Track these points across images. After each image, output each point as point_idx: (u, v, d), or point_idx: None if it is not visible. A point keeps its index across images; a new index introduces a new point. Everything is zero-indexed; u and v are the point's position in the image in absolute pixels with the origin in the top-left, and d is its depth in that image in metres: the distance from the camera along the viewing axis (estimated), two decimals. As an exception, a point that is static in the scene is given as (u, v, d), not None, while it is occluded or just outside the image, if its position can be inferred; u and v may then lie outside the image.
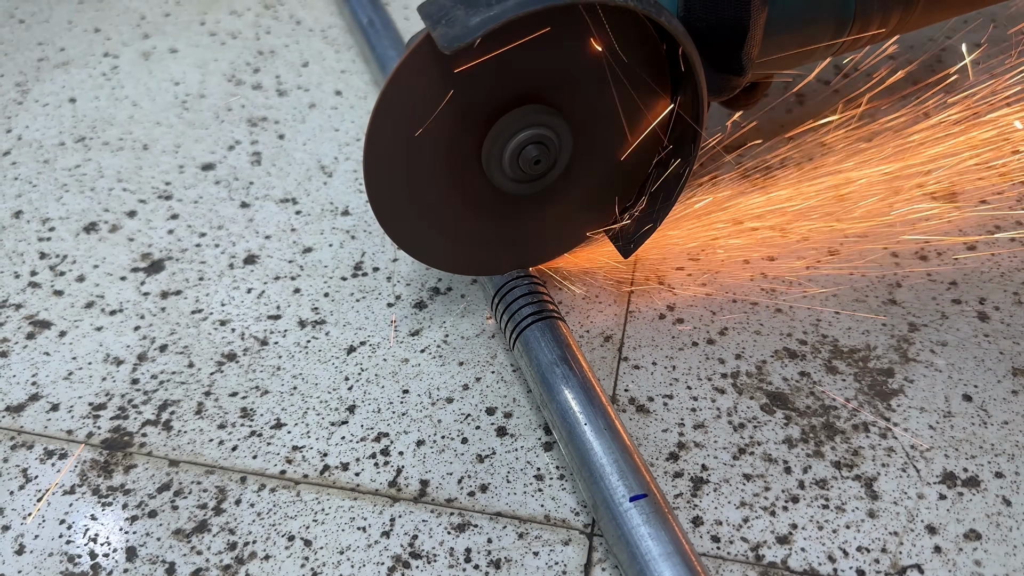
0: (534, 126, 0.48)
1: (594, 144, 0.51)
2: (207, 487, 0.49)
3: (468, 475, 0.49)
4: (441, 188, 0.50)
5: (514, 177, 0.50)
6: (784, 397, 0.52)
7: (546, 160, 0.49)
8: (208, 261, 0.62)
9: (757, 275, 0.59)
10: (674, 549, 0.40)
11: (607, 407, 0.47)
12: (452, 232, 0.52)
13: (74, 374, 0.55)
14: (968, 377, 0.53)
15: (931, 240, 0.60)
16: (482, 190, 0.51)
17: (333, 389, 0.54)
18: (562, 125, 0.49)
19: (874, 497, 0.47)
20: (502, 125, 0.47)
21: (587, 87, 0.48)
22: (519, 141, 0.48)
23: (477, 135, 0.48)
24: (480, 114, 0.47)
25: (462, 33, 0.41)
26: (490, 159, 0.49)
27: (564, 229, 0.56)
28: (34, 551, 0.46)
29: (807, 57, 0.59)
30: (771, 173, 0.65)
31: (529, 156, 0.48)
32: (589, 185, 0.54)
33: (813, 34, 0.57)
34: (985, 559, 0.45)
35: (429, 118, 0.46)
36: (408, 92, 0.45)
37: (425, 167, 0.49)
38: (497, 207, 0.52)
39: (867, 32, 0.59)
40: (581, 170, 0.52)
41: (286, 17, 0.87)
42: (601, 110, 0.50)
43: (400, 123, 0.46)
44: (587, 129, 0.50)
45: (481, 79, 0.46)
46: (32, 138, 0.73)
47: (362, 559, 0.45)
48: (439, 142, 0.48)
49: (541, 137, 0.48)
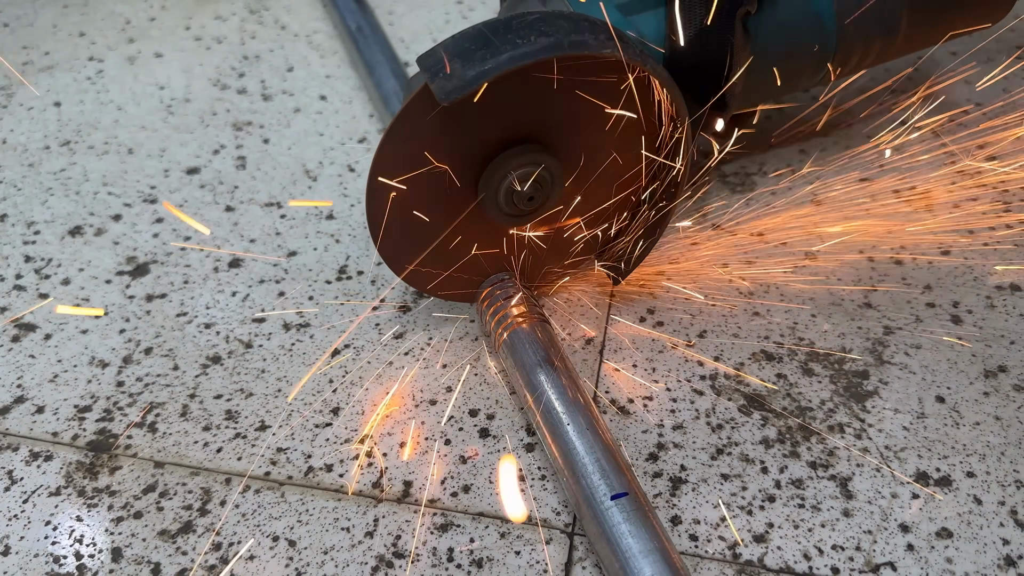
0: (527, 165, 0.50)
1: (586, 180, 0.53)
2: (192, 488, 0.49)
3: (451, 476, 0.50)
4: (440, 223, 0.52)
5: (509, 212, 0.52)
6: (761, 399, 0.53)
7: (539, 197, 0.51)
8: (193, 264, 0.62)
9: (736, 279, 0.60)
10: (654, 546, 0.41)
11: (590, 407, 0.48)
12: (451, 264, 0.54)
13: (59, 376, 0.55)
14: (941, 379, 0.54)
15: (906, 245, 0.61)
16: (479, 223, 0.53)
17: (317, 392, 0.54)
18: (555, 163, 0.51)
19: (849, 496, 0.48)
20: (496, 165, 0.50)
21: (579, 127, 0.51)
22: (514, 179, 0.50)
23: (473, 176, 0.51)
24: (477, 155, 0.50)
25: (458, 86, 0.43)
26: (486, 196, 0.51)
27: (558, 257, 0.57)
28: (19, 552, 0.47)
29: (790, 89, 0.61)
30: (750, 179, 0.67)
31: (524, 194, 0.50)
32: (581, 216, 0.55)
33: (796, 68, 0.58)
34: (956, 556, 0.46)
35: (427, 161, 0.48)
36: (407, 137, 0.47)
37: (424, 205, 0.51)
38: (493, 239, 0.54)
39: (848, 64, 0.60)
40: (572, 202, 0.54)
41: (271, 22, 0.87)
42: (592, 148, 0.52)
43: (399, 165, 0.48)
44: (578, 166, 0.52)
45: (477, 124, 0.48)
46: (17, 142, 0.73)
47: (346, 559, 0.46)
48: (438, 182, 0.50)
49: (535, 175, 0.50)
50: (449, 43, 0.45)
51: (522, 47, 0.44)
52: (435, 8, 0.89)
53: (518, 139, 0.50)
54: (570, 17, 0.47)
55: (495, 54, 0.44)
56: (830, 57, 0.58)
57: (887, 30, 0.59)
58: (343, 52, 0.83)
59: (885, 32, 0.59)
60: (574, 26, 0.45)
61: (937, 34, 0.63)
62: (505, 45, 0.44)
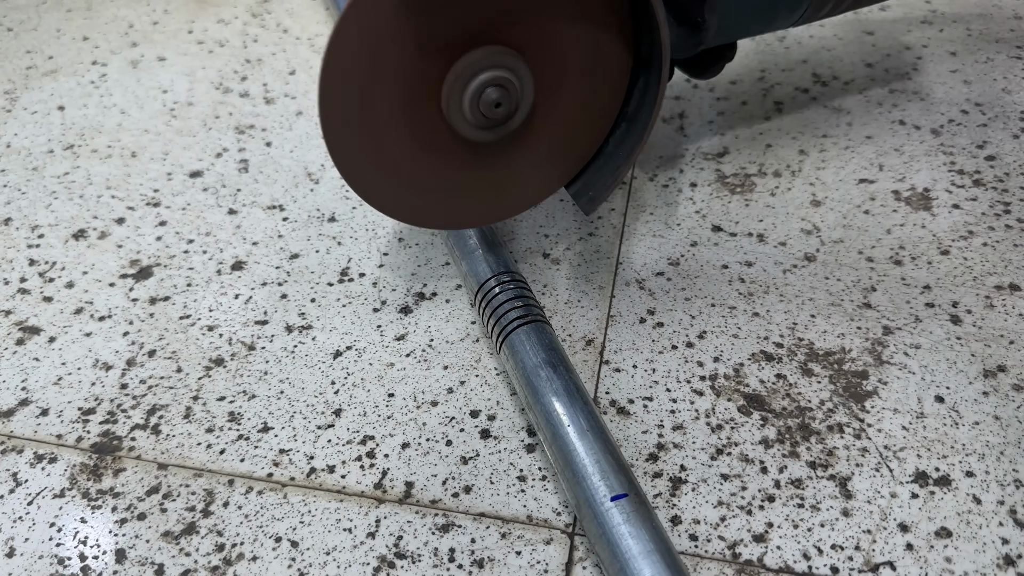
0: (495, 68, 0.47)
1: (557, 92, 0.51)
2: (195, 490, 0.50)
3: (452, 477, 0.50)
4: (402, 135, 0.49)
5: (475, 122, 0.49)
6: (761, 399, 0.53)
7: (507, 104, 0.48)
8: (196, 267, 0.63)
9: (735, 280, 0.60)
10: (654, 547, 0.41)
11: (591, 409, 0.48)
12: (414, 182, 0.51)
13: (63, 379, 0.56)
14: (940, 379, 0.54)
15: (905, 245, 0.62)
16: (443, 137, 0.50)
17: (319, 393, 0.54)
18: (523, 68, 0.48)
19: (848, 496, 0.48)
20: (462, 66, 0.47)
21: (550, 31, 0.48)
22: (479, 83, 0.47)
23: (437, 75, 0.47)
24: (441, 52, 0.46)
25: None
26: (450, 102, 0.48)
27: (528, 181, 0.55)
28: (24, 553, 0.47)
29: (769, 21, 0.59)
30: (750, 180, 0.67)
31: (490, 99, 0.47)
32: (551, 135, 0.53)
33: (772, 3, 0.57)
34: (955, 556, 0.46)
35: (387, 56, 0.45)
36: (364, 27, 0.44)
37: (385, 112, 0.47)
38: (459, 155, 0.51)
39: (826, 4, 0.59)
40: (543, 119, 0.51)
41: (273, 26, 0.88)
42: (564, 57, 0.49)
43: (356, 62, 0.45)
44: (549, 75, 0.50)
45: (440, 18, 0.45)
46: (21, 146, 0.74)
47: (348, 560, 0.46)
48: (399, 84, 0.47)
49: (502, 79, 0.47)
50: None
51: None
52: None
53: (485, 38, 0.47)
54: None
55: None
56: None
57: None
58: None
59: None
60: None
61: None
62: None
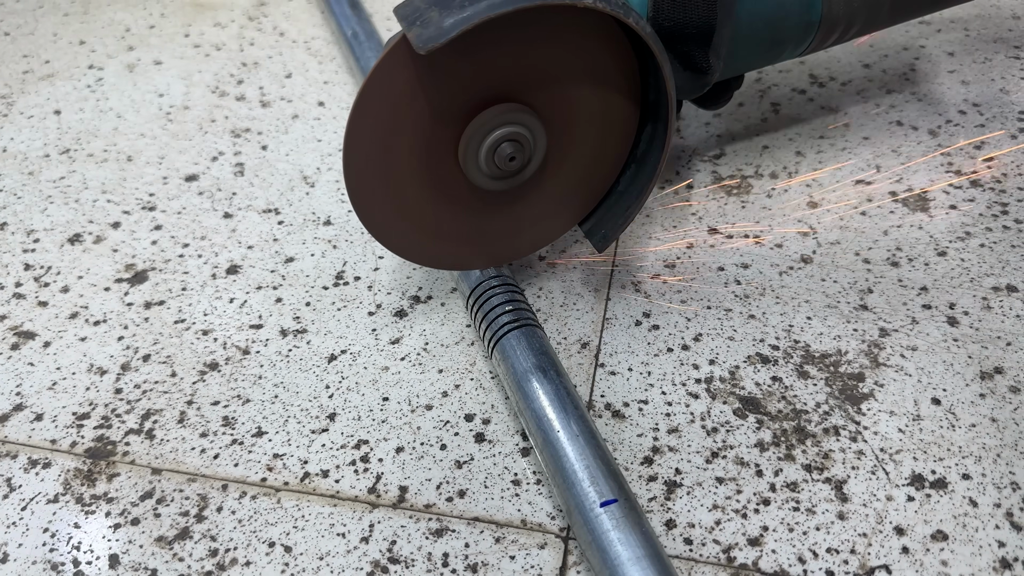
0: (509, 124, 0.49)
1: (568, 142, 0.52)
2: (189, 495, 0.50)
3: (446, 481, 0.50)
4: (420, 185, 0.51)
5: (490, 174, 0.51)
6: (756, 402, 0.53)
7: (520, 157, 0.50)
8: (191, 271, 0.62)
9: (731, 282, 0.60)
10: (643, 553, 0.41)
11: (581, 413, 0.48)
12: (431, 228, 0.53)
13: (58, 384, 0.56)
14: (937, 381, 0.54)
15: (902, 246, 0.61)
16: (459, 187, 0.52)
17: (314, 397, 0.54)
18: (536, 123, 0.50)
19: (844, 499, 0.48)
20: (478, 123, 0.49)
21: (560, 86, 0.50)
22: (494, 139, 0.49)
23: (454, 133, 0.49)
24: (457, 112, 0.48)
25: (436, 34, 0.42)
26: (467, 157, 0.50)
27: (540, 224, 0.57)
28: (18, 559, 0.47)
29: (775, 56, 0.60)
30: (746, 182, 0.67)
31: (504, 153, 0.49)
32: (563, 182, 0.55)
33: (780, 34, 0.58)
34: (952, 559, 0.46)
35: (406, 117, 0.47)
36: (385, 91, 0.46)
37: (404, 165, 0.50)
38: (474, 203, 0.53)
39: (833, 33, 0.60)
40: (555, 167, 0.54)
41: (270, 29, 0.88)
42: (574, 111, 0.51)
43: (378, 122, 0.47)
44: (560, 128, 0.51)
45: (457, 78, 0.47)
46: (17, 150, 0.74)
47: (341, 565, 0.46)
48: (417, 140, 0.49)
49: (515, 135, 0.49)
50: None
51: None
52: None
53: (498, 97, 0.49)
54: None
55: (473, 2, 0.43)
56: (815, 26, 0.58)
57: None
58: (341, 58, 0.83)
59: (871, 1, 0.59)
60: None
61: (924, 5, 0.63)
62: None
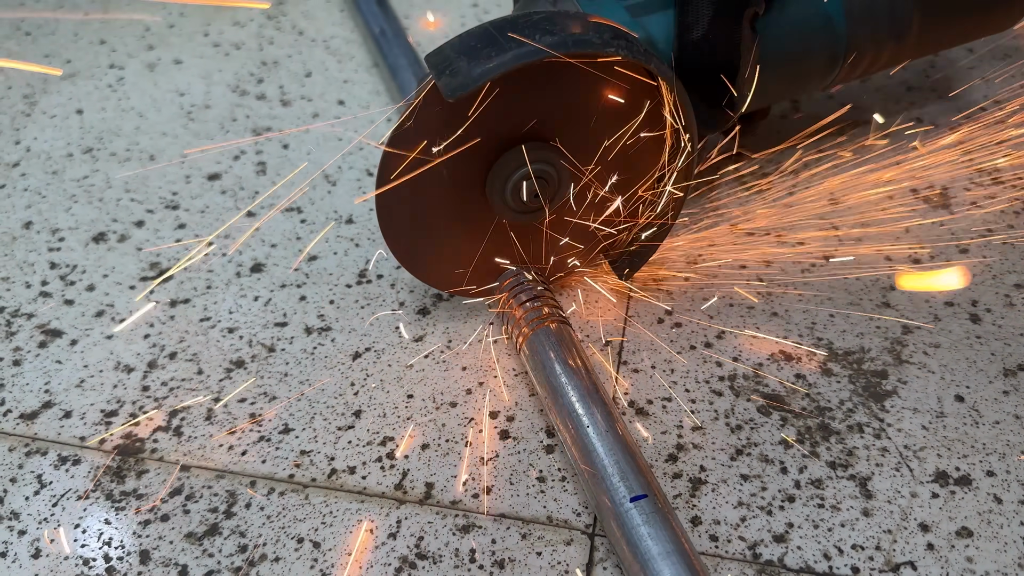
0: (534, 162, 0.51)
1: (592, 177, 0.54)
2: (218, 491, 0.50)
3: (472, 478, 0.50)
4: (449, 221, 0.54)
5: (516, 208, 0.53)
6: (780, 399, 0.53)
7: (545, 194, 0.52)
8: (215, 270, 0.63)
9: (754, 279, 0.60)
10: (673, 548, 0.41)
11: (609, 409, 0.48)
12: (459, 258, 0.56)
13: (86, 382, 0.56)
14: (960, 378, 0.54)
15: (924, 243, 0.61)
16: (486, 220, 0.54)
17: (339, 394, 0.55)
18: (560, 161, 0.51)
19: (868, 496, 0.48)
20: (503, 162, 0.51)
21: (584, 125, 0.51)
22: (519, 176, 0.51)
23: (481, 172, 0.52)
24: (482, 153, 0.50)
25: (464, 83, 0.44)
26: (493, 193, 0.52)
27: (564, 256, 0.58)
28: (50, 555, 0.47)
29: (800, 90, 0.61)
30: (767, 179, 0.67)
31: (530, 191, 0.51)
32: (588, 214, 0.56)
33: (805, 70, 0.58)
34: (977, 556, 0.46)
35: (436, 158, 0.49)
36: (415, 136, 0.48)
37: (434, 203, 0.52)
38: (501, 236, 0.55)
39: (859, 67, 0.60)
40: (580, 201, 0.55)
41: (289, 28, 0.88)
42: (599, 146, 0.52)
43: (409, 165, 0.49)
44: (586, 163, 0.53)
45: (484, 121, 0.48)
46: (40, 149, 0.74)
47: (369, 560, 0.47)
48: (447, 179, 0.51)
49: (541, 172, 0.51)
50: (456, 42, 0.46)
51: (527, 46, 0.44)
52: (450, 12, 0.90)
53: (524, 137, 0.50)
54: (576, 16, 0.47)
55: (500, 52, 0.44)
56: (840, 59, 0.58)
57: (898, 33, 0.59)
58: (360, 57, 0.83)
59: (896, 35, 0.59)
60: (579, 25, 0.46)
61: (950, 38, 0.63)
62: (510, 43, 0.45)
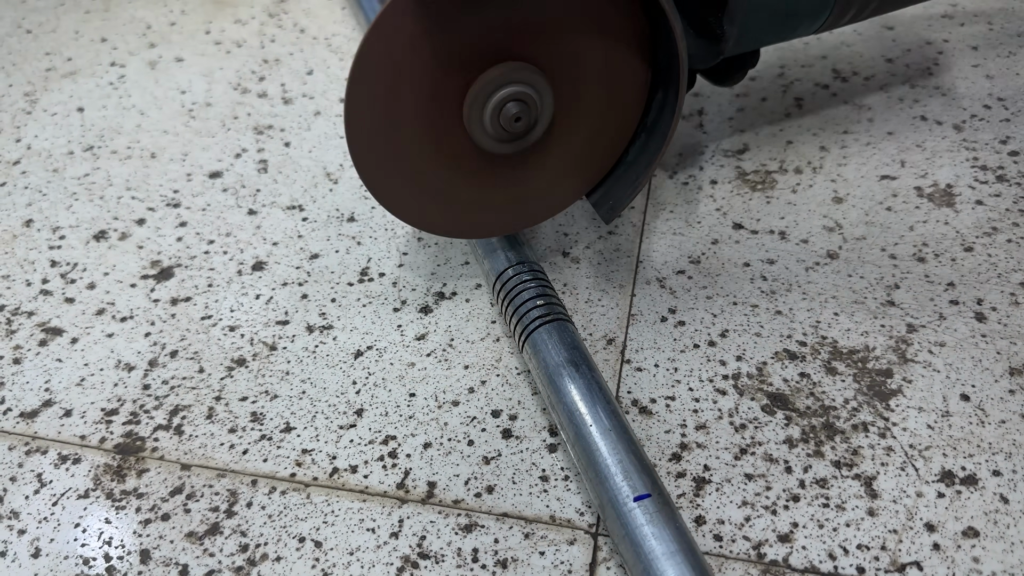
0: (514, 83, 0.48)
1: (576, 105, 0.52)
2: (219, 490, 0.50)
3: (474, 477, 0.50)
4: (423, 146, 0.50)
5: (496, 136, 0.50)
6: (784, 398, 0.53)
7: (527, 118, 0.49)
8: (217, 268, 0.63)
9: (757, 277, 0.60)
10: (677, 548, 0.41)
11: (613, 408, 0.48)
12: (434, 192, 0.53)
13: (86, 380, 0.56)
14: (966, 377, 0.53)
15: (928, 242, 0.61)
16: (465, 151, 0.51)
17: (341, 393, 0.54)
18: (542, 83, 0.49)
19: (873, 496, 0.48)
20: (482, 83, 0.48)
21: (568, 46, 0.49)
22: (499, 98, 0.48)
23: (458, 91, 0.49)
24: (461, 69, 0.48)
25: None
26: (471, 118, 0.49)
27: (548, 192, 0.56)
28: (50, 554, 0.47)
29: (791, 31, 0.59)
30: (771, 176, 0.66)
31: (509, 113, 0.49)
32: (571, 147, 0.54)
33: (796, 6, 0.57)
34: (983, 556, 0.45)
35: (409, 72, 0.47)
36: (389, 44, 0.45)
37: (407, 124, 0.49)
38: (480, 167, 0.53)
39: (849, 10, 0.59)
40: (563, 131, 0.53)
41: (290, 25, 0.88)
42: (582, 71, 0.50)
43: (381, 76, 0.46)
44: (568, 89, 0.51)
45: (460, 36, 0.46)
46: (41, 147, 0.74)
47: (371, 559, 0.46)
48: (420, 98, 0.48)
49: (521, 95, 0.49)
50: None
51: None
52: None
53: (504, 55, 0.48)
54: None
55: None
56: (830, 2, 0.58)
57: None
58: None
59: None
60: None
61: None
62: None
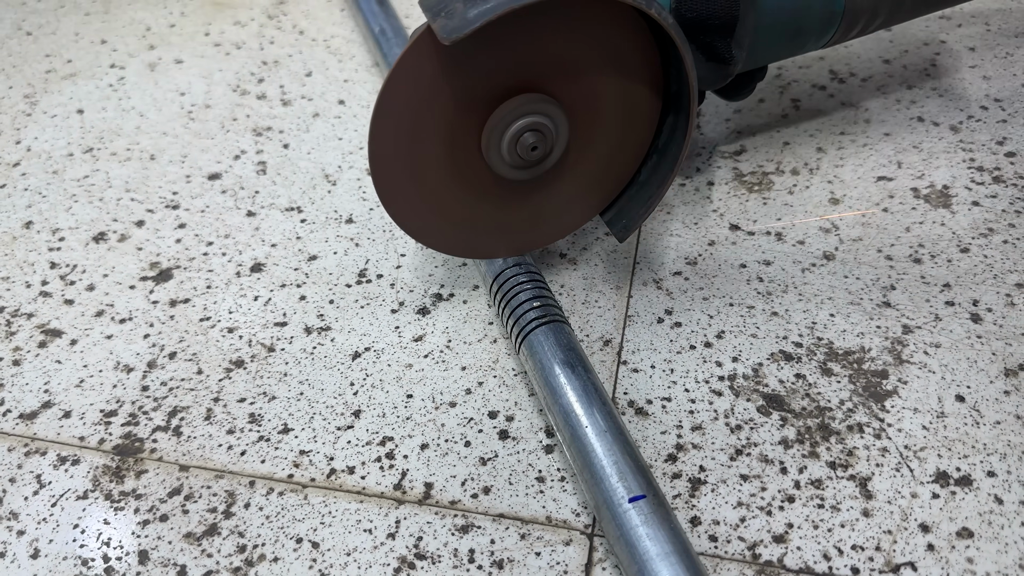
0: (531, 114, 0.49)
1: (590, 132, 0.53)
2: (217, 491, 0.50)
3: (471, 477, 0.50)
4: (443, 173, 0.52)
5: (513, 164, 0.51)
6: (780, 399, 0.53)
7: (543, 147, 0.51)
8: (215, 269, 0.63)
9: (754, 279, 0.60)
10: (672, 549, 0.41)
11: (609, 409, 0.48)
12: (452, 216, 0.54)
13: (85, 381, 0.56)
14: (961, 378, 0.54)
15: (925, 243, 0.61)
16: (484, 178, 0.53)
17: (339, 394, 0.55)
18: (558, 113, 0.50)
19: (868, 496, 0.48)
20: (500, 114, 0.49)
21: (582, 76, 0.50)
22: (516, 129, 0.50)
23: (477, 123, 0.50)
24: (480, 102, 0.49)
25: (460, 25, 0.43)
26: (490, 147, 0.51)
27: (563, 213, 0.57)
28: (48, 555, 0.47)
29: (798, 48, 0.60)
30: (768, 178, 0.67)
31: (526, 143, 0.50)
32: (585, 171, 0.55)
33: (803, 25, 0.58)
34: (977, 556, 0.46)
35: (431, 106, 0.48)
36: (411, 80, 0.47)
37: (427, 153, 0.51)
38: (499, 194, 0.54)
39: (856, 25, 0.60)
40: (577, 156, 0.54)
41: (289, 27, 0.88)
42: (597, 101, 0.52)
43: (404, 110, 0.48)
44: (583, 118, 0.52)
45: (480, 68, 0.48)
46: (41, 149, 0.74)
47: (368, 560, 0.47)
48: (441, 130, 0.50)
49: (538, 125, 0.50)
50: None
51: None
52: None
53: (521, 87, 0.49)
54: None
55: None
56: (838, 17, 0.58)
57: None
58: (361, 56, 0.83)
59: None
60: None
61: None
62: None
